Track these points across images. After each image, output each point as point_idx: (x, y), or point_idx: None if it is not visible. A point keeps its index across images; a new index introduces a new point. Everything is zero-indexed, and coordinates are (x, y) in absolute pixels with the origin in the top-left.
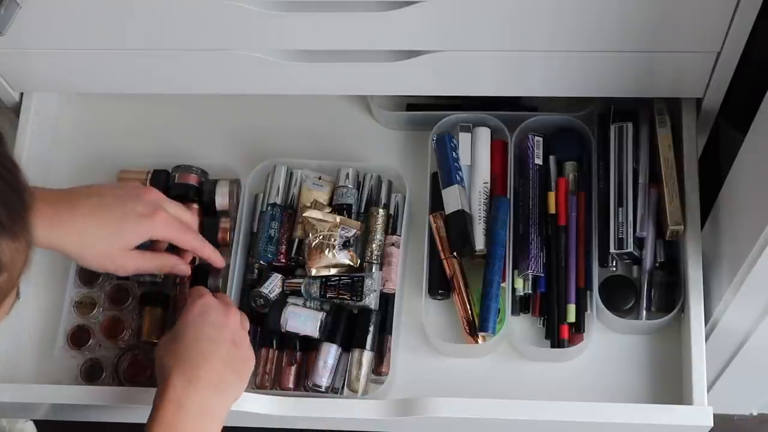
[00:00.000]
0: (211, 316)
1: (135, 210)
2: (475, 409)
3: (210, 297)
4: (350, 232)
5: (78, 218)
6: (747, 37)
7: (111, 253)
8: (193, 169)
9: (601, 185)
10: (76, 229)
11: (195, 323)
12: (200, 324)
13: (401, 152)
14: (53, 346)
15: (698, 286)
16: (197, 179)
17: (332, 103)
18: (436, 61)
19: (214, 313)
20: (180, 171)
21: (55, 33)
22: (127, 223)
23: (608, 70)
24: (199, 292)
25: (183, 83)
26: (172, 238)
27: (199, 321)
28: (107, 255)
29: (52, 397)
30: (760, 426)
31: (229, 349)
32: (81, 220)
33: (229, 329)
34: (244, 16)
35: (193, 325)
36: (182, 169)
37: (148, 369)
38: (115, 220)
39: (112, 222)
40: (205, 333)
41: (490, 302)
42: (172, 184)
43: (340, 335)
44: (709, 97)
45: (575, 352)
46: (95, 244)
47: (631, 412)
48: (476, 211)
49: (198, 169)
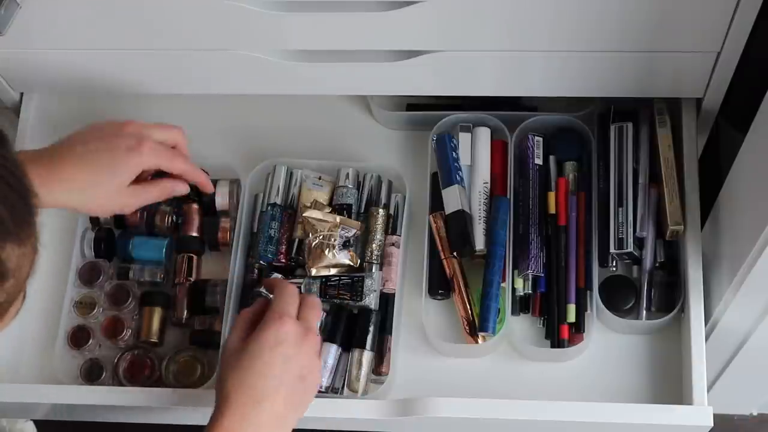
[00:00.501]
0: (285, 349)
1: (120, 147)
2: (475, 409)
3: (290, 323)
4: (350, 232)
5: (70, 171)
6: (747, 37)
7: (111, 195)
8: None
9: (601, 185)
10: (72, 184)
11: (265, 355)
12: (271, 357)
13: (401, 152)
14: (53, 346)
15: (698, 286)
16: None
17: (332, 103)
18: (436, 61)
19: (289, 347)
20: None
21: (55, 33)
22: (117, 162)
23: (608, 70)
24: (281, 309)
25: (183, 83)
26: (161, 164)
27: (270, 354)
28: (109, 198)
29: (52, 397)
30: (760, 426)
31: (294, 386)
32: (73, 172)
33: (300, 363)
34: (244, 16)
35: (263, 357)
36: None
37: (147, 369)
38: (105, 163)
39: (103, 165)
40: (274, 369)
41: (490, 302)
42: None
43: (340, 335)
44: (709, 97)
45: (575, 352)
46: (94, 192)
47: (631, 412)
48: (476, 211)
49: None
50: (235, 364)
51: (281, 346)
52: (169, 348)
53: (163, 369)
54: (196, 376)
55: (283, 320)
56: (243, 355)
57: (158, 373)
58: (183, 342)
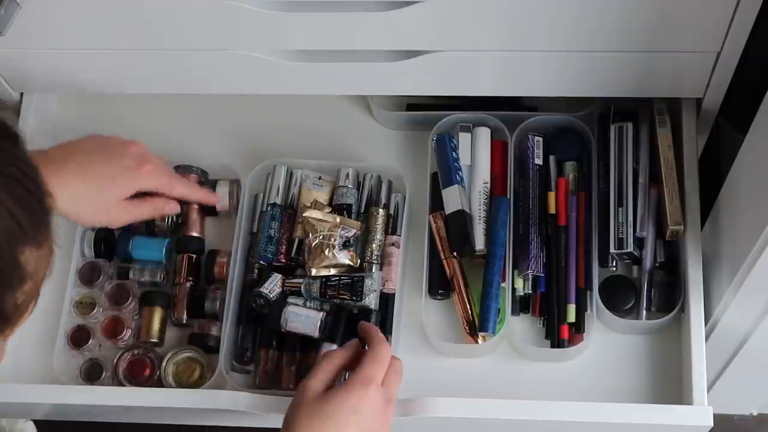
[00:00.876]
0: (361, 418)
1: (122, 164)
2: (475, 409)
3: (374, 394)
4: (350, 232)
5: (67, 178)
6: (747, 37)
7: (103, 208)
8: (194, 169)
9: (601, 185)
10: (67, 190)
11: (341, 419)
12: (347, 423)
13: (401, 152)
14: (53, 346)
15: (698, 286)
16: (197, 179)
17: (332, 103)
18: (436, 61)
19: (366, 417)
20: (180, 171)
21: (55, 33)
22: (116, 178)
23: (608, 70)
24: (370, 375)
25: (183, 83)
26: (159, 187)
27: (346, 419)
28: (100, 210)
29: (52, 397)
30: (760, 426)
31: None
32: (72, 180)
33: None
34: (244, 16)
35: (339, 420)
36: (182, 169)
37: (147, 369)
38: (104, 176)
39: (101, 178)
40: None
41: (490, 302)
42: None
43: (340, 335)
44: (709, 97)
45: (575, 352)
46: (88, 202)
47: (631, 412)
48: (476, 211)
49: (198, 169)
50: (310, 412)
51: (358, 414)
52: (169, 348)
53: (163, 369)
54: (196, 377)
55: (368, 389)
56: (319, 410)
57: (158, 374)
58: (183, 342)
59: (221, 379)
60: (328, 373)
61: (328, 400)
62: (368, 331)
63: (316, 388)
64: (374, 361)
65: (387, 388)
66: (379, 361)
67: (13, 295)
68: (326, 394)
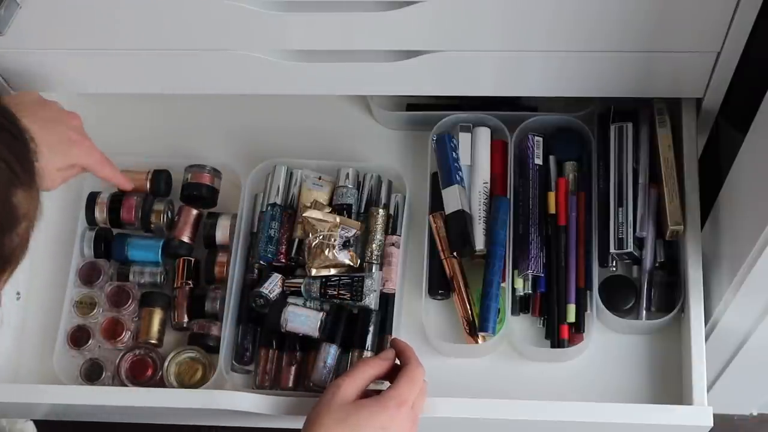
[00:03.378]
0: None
1: (66, 134)
2: (475, 409)
3: (404, 415)
4: (350, 232)
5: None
6: (747, 37)
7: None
8: (206, 168)
9: (601, 185)
10: None
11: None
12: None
13: (401, 152)
14: (53, 346)
15: (698, 286)
16: (210, 178)
17: (332, 103)
18: (435, 61)
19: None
20: (193, 171)
21: (55, 33)
22: (59, 146)
23: (608, 70)
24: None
25: (183, 83)
26: (92, 164)
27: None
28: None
29: (52, 397)
30: (760, 426)
31: None
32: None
33: None
34: (244, 16)
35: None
36: (195, 168)
37: (149, 369)
38: (47, 143)
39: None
40: None
41: (490, 302)
42: (185, 183)
43: (340, 335)
44: (709, 97)
45: (575, 352)
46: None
47: (630, 412)
48: (476, 211)
49: (211, 168)
50: (338, 417)
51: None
52: (169, 349)
53: (165, 370)
54: (198, 377)
55: (401, 410)
56: (348, 418)
57: (160, 374)
58: (182, 343)
59: (221, 379)
60: (362, 380)
61: (359, 410)
62: (405, 352)
63: (349, 393)
64: (410, 382)
65: (414, 410)
66: (415, 384)
67: (10, 237)
68: (358, 404)
